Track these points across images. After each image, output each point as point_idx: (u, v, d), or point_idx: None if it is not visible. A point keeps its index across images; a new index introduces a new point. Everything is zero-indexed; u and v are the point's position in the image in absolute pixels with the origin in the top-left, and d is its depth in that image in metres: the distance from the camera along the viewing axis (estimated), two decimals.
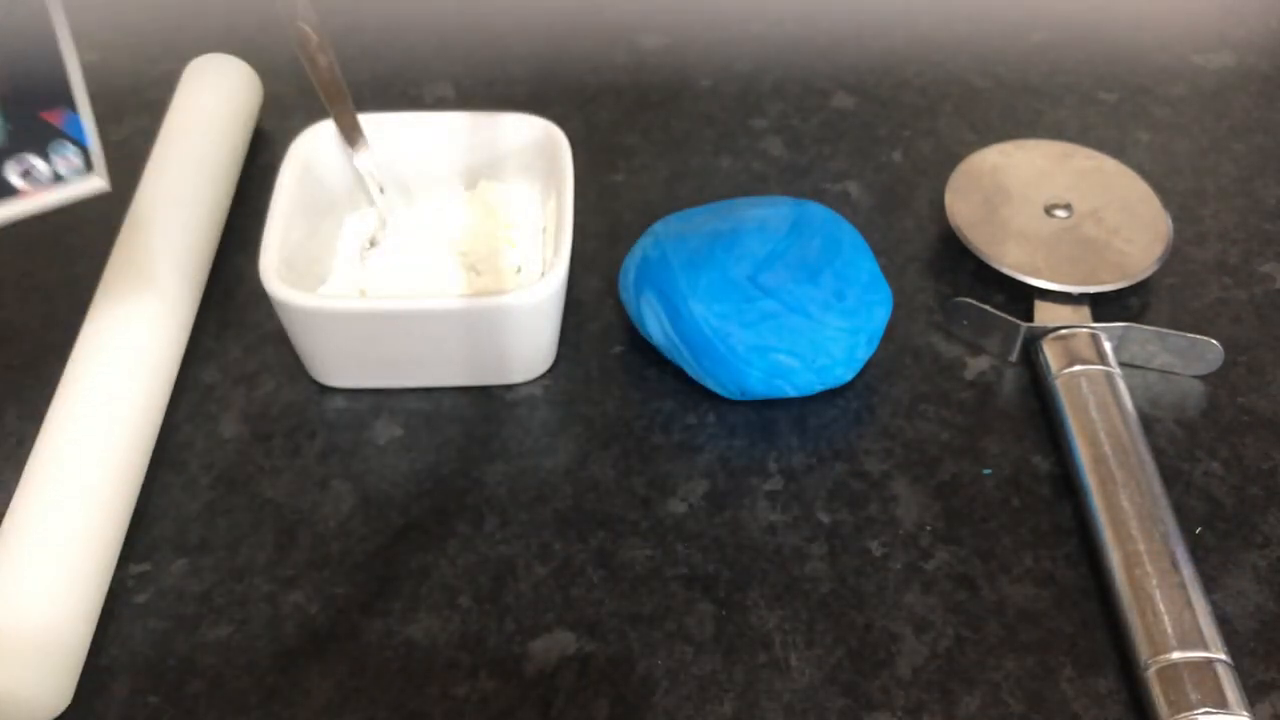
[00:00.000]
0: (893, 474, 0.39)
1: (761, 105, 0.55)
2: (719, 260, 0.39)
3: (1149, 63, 0.58)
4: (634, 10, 0.61)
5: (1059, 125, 0.54)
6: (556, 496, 0.39)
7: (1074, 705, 0.34)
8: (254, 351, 0.43)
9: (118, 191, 0.50)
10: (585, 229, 0.48)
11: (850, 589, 0.36)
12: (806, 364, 0.39)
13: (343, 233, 0.45)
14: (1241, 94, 0.56)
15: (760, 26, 0.60)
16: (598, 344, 0.44)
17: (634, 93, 0.56)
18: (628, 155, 0.52)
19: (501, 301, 0.38)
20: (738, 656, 0.35)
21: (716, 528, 0.38)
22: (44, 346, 0.43)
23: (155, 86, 0.55)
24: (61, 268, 0.47)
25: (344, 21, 0.59)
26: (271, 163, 0.49)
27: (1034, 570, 0.37)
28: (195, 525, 0.38)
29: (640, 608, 0.36)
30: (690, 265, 0.39)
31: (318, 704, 0.33)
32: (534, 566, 0.37)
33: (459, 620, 0.35)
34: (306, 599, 0.36)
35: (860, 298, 0.39)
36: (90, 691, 0.34)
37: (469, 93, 0.56)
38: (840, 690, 0.34)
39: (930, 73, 0.57)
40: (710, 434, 0.41)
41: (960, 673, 0.34)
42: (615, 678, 0.34)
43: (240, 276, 0.46)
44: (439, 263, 0.43)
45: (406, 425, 0.41)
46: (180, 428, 0.41)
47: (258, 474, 0.39)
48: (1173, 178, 0.51)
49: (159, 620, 0.35)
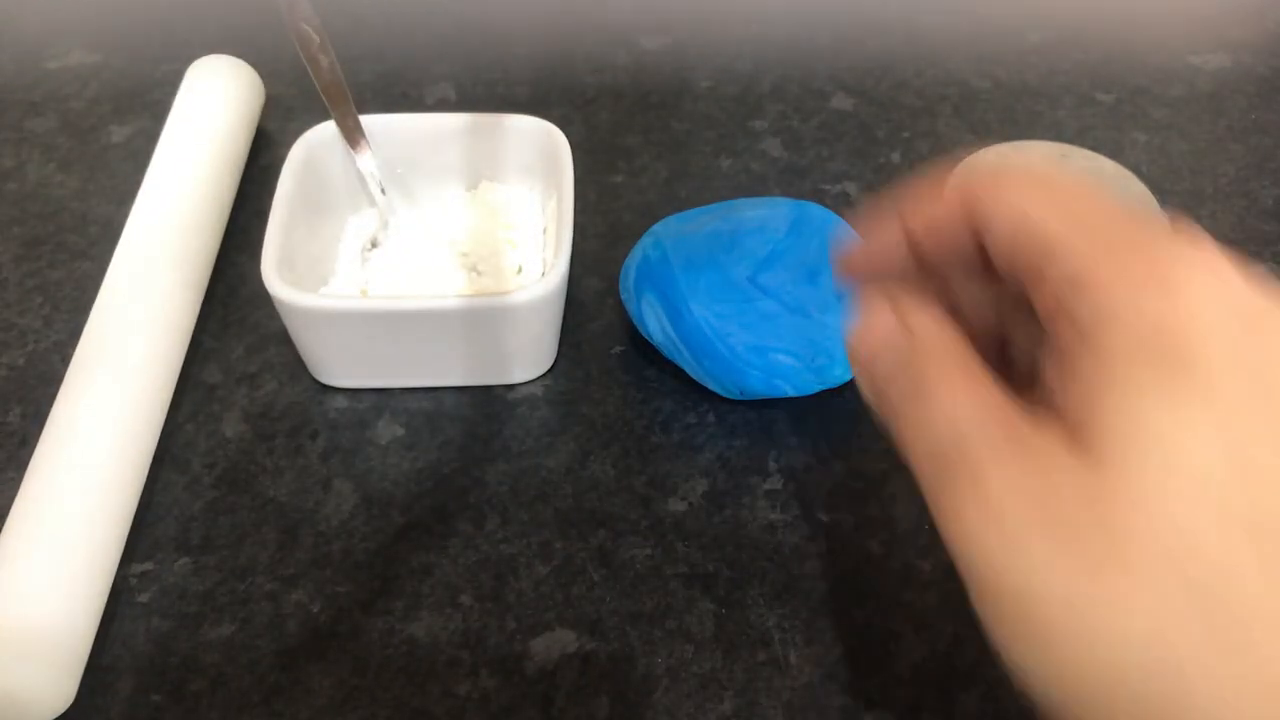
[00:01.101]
0: (892, 473, 0.40)
1: (761, 106, 0.55)
2: (719, 261, 0.39)
3: (1146, 64, 0.58)
4: (634, 10, 0.61)
5: (1057, 126, 0.54)
6: (557, 495, 0.39)
7: None
8: (256, 351, 0.43)
9: (120, 192, 0.50)
10: (585, 229, 0.48)
11: (850, 588, 0.36)
12: (805, 364, 0.39)
13: (344, 233, 0.46)
14: (1239, 95, 0.56)
15: (760, 27, 0.60)
16: (598, 344, 0.44)
17: (634, 93, 0.56)
18: (628, 156, 0.52)
19: (502, 301, 0.38)
20: (737, 655, 0.35)
21: (716, 527, 0.38)
22: (46, 346, 0.44)
23: (157, 87, 0.55)
24: (64, 268, 0.47)
25: (346, 23, 0.59)
26: (273, 163, 0.50)
27: None
28: (197, 524, 0.38)
29: (640, 606, 0.36)
30: (690, 266, 0.40)
31: (320, 702, 0.34)
32: (535, 565, 0.37)
33: (460, 619, 0.36)
34: (308, 598, 0.36)
35: None
36: (93, 690, 0.34)
37: (470, 94, 0.56)
38: (839, 688, 0.34)
39: (929, 74, 0.57)
40: (710, 433, 0.41)
41: (959, 672, 0.34)
42: (616, 676, 0.34)
43: (242, 277, 0.46)
44: (440, 263, 0.43)
45: (408, 425, 0.41)
46: (183, 427, 0.41)
47: (260, 473, 0.39)
48: (1170, 179, 0.51)
49: (161, 619, 0.35)
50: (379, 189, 0.44)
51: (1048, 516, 0.18)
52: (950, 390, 0.20)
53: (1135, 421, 0.18)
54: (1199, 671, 0.17)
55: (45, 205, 0.50)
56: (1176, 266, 0.19)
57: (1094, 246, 0.19)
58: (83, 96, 0.55)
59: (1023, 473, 0.19)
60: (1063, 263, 0.19)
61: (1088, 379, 0.19)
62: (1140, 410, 0.18)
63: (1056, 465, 0.19)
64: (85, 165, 0.52)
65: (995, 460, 0.19)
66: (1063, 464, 0.19)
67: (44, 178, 0.51)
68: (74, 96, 0.55)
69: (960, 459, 0.20)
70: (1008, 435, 0.19)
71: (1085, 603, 0.18)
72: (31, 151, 0.52)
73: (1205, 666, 0.17)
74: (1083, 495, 0.18)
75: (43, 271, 0.47)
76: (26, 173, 0.51)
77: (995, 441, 0.19)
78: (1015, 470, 0.19)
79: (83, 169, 0.51)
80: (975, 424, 0.20)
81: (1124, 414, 0.18)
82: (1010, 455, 0.19)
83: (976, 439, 0.20)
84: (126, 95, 0.55)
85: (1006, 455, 0.19)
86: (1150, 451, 0.18)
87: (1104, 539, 0.18)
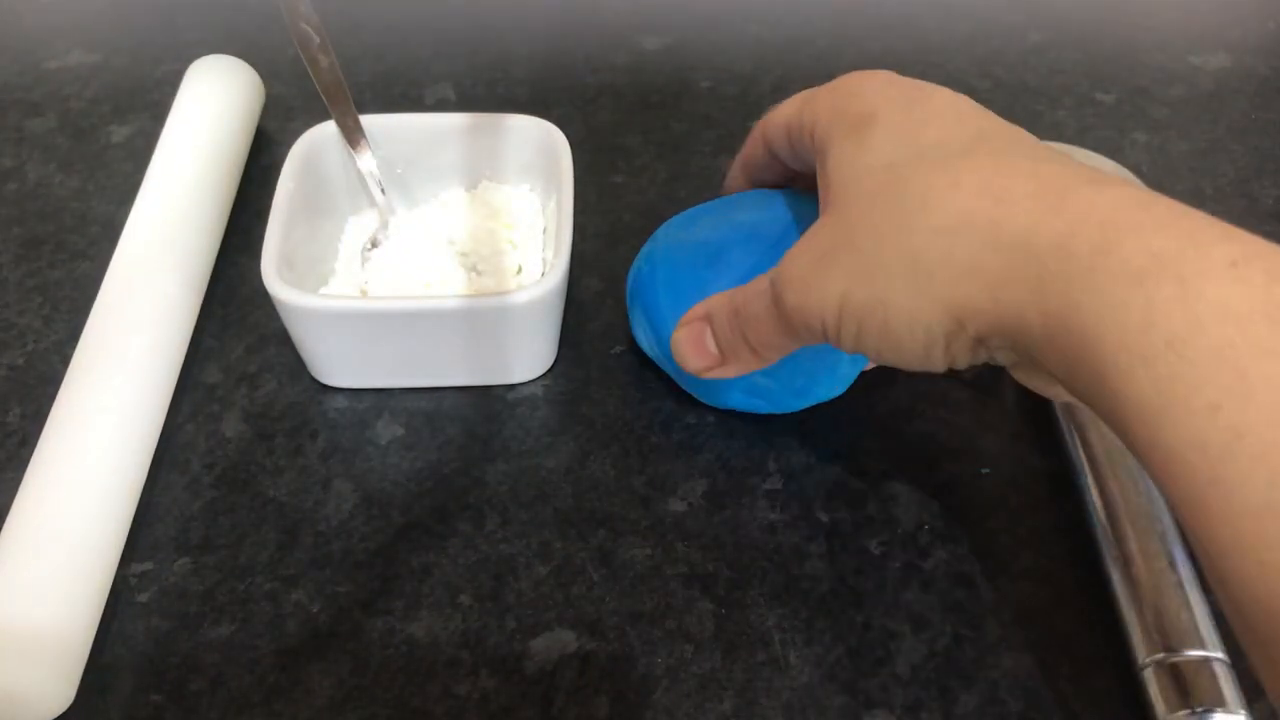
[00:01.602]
0: (891, 473, 0.40)
1: (761, 106, 0.55)
2: (702, 279, 0.38)
3: (1146, 64, 0.58)
4: (634, 10, 0.61)
5: (1057, 126, 0.54)
6: (557, 495, 0.39)
7: (1072, 704, 0.34)
8: (256, 351, 0.43)
9: (120, 192, 0.50)
10: (585, 229, 0.48)
11: (849, 588, 0.36)
12: (784, 385, 0.38)
13: (344, 233, 0.46)
14: (1239, 95, 0.56)
15: (760, 27, 0.60)
16: (598, 344, 0.44)
17: (634, 93, 0.56)
18: (628, 156, 0.52)
19: (502, 301, 0.38)
20: (737, 655, 0.35)
21: (716, 527, 0.38)
22: (46, 346, 0.44)
23: (157, 87, 0.56)
24: (64, 267, 0.47)
25: (345, 22, 0.59)
26: (273, 163, 0.50)
27: (1032, 569, 0.37)
28: (197, 524, 0.38)
29: (640, 606, 0.36)
30: (672, 286, 0.38)
31: (319, 702, 0.34)
32: (534, 565, 0.37)
33: (460, 619, 0.36)
34: (308, 597, 0.36)
35: None
36: (93, 690, 0.34)
37: (470, 94, 0.56)
38: (839, 688, 0.34)
39: (929, 74, 0.57)
40: (710, 434, 0.41)
41: (959, 671, 0.34)
42: (615, 676, 0.34)
43: (242, 277, 0.46)
44: (440, 263, 0.43)
45: (408, 425, 0.41)
46: (182, 427, 0.41)
47: (260, 473, 0.39)
48: (1170, 178, 0.51)
49: (161, 619, 0.35)
50: (379, 189, 0.44)
51: (820, 247, 0.30)
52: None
53: (842, 160, 0.31)
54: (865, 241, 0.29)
55: (45, 205, 0.50)
56: (861, 79, 0.33)
57: (820, 96, 0.34)
58: (83, 96, 0.55)
59: (804, 243, 0.31)
60: (810, 115, 0.33)
61: (822, 164, 0.32)
62: (843, 152, 0.31)
63: (820, 228, 0.31)
64: (85, 165, 0.52)
65: (789, 259, 0.31)
66: (822, 227, 0.31)
67: (44, 178, 0.51)
68: (74, 96, 0.55)
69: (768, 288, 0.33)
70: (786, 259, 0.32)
71: (856, 277, 0.29)
72: (31, 151, 0.52)
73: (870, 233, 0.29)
74: (834, 226, 0.30)
75: (42, 271, 0.47)
76: (26, 173, 0.51)
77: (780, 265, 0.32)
78: (799, 249, 0.31)
79: (83, 169, 0.51)
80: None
81: (836, 161, 0.31)
82: (792, 252, 0.31)
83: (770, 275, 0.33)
84: (126, 95, 0.55)
85: (791, 253, 0.31)
86: (846, 167, 0.31)
87: (848, 241, 0.29)
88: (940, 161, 0.29)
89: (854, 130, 0.31)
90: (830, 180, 0.31)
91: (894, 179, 0.29)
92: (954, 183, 0.28)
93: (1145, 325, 0.24)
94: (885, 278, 0.28)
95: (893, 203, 0.28)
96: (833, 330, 0.30)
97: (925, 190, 0.28)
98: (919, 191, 0.28)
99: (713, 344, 0.35)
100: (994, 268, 0.26)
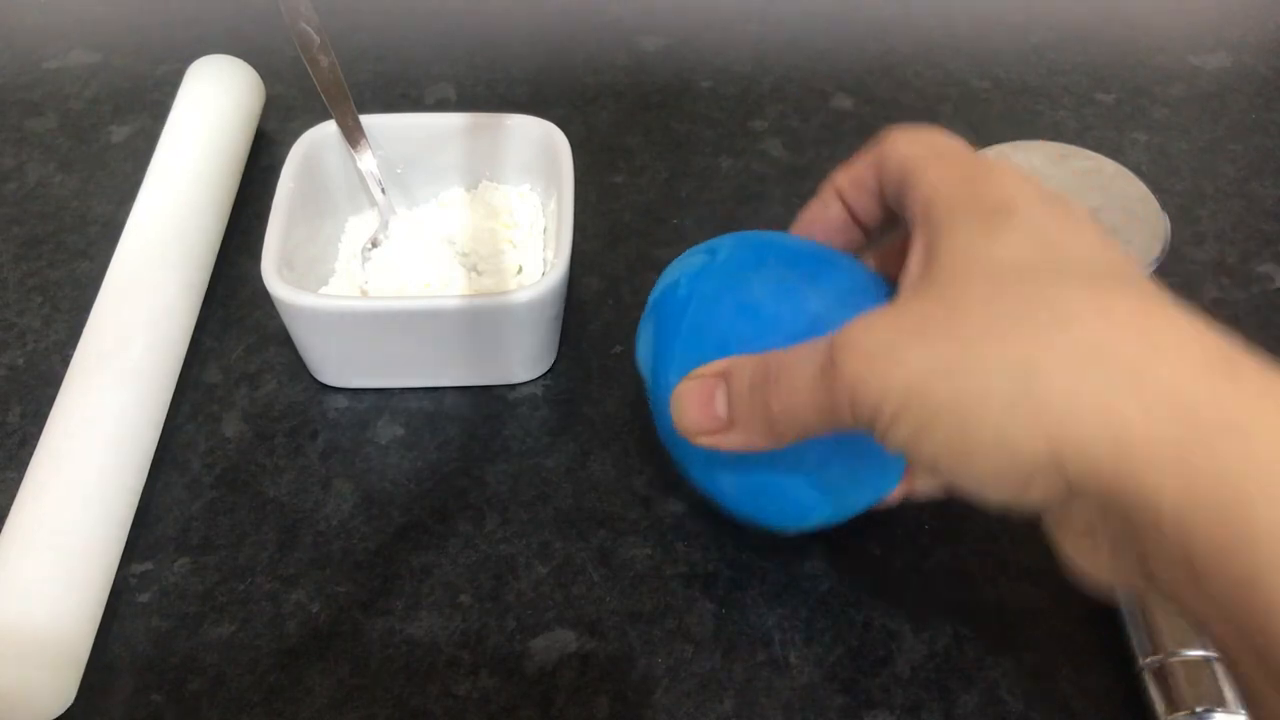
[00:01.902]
0: None
1: (761, 106, 0.55)
2: (727, 340, 0.31)
3: (1147, 64, 0.58)
4: (634, 11, 0.61)
5: (1057, 126, 0.54)
6: (557, 495, 0.39)
7: (1072, 703, 0.34)
8: (256, 351, 0.43)
9: (120, 192, 0.50)
10: (585, 229, 0.48)
11: (849, 587, 0.36)
12: (825, 481, 0.32)
13: (344, 233, 0.46)
14: (1239, 95, 0.56)
15: (760, 27, 0.60)
16: (598, 344, 0.44)
17: (634, 93, 0.56)
18: (628, 156, 0.52)
19: (502, 301, 0.38)
20: (737, 655, 0.35)
21: (716, 527, 0.38)
22: (46, 346, 0.44)
23: (157, 87, 0.56)
24: (64, 267, 0.47)
25: (345, 23, 0.59)
26: (273, 164, 0.50)
27: (1032, 569, 0.37)
28: (197, 524, 0.38)
29: (640, 606, 0.36)
30: (697, 334, 0.32)
31: (319, 702, 0.34)
32: (535, 565, 0.37)
33: (460, 619, 0.36)
34: (308, 597, 0.36)
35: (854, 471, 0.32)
36: (93, 690, 0.34)
37: (470, 94, 0.56)
38: (839, 688, 0.34)
39: (929, 74, 0.57)
40: None
41: (959, 671, 0.34)
42: (615, 676, 0.34)
43: (242, 277, 0.46)
44: (440, 263, 0.43)
45: (408, 424, 0.41)
46: (183, 427, 0.41)
47: (260, 473, 0.39)
48: (1171, 178, 0.51)
49: (161, 619, 0.35)
50: (379, 189, 0.44)
51: (904, 325, 0.26)
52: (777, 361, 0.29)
53: (967, 245, 0.27)
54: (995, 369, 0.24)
55: (45, 205, 0.50)
56: (990, 164, 0.29)
57: (939, 163, 0.29)
58: (83, 96, 0.55)
59: (883, 316, 0.27)
60: (920, 176, 0.29)
61: (932, 240, 0.28)
62: (970, 237, 0.27)
63: (906, 304, 0.27)
64: (85, 165, 0.52)
65: (860, 326, 0.27)
66: (910, 303, 0.27)
67: (44, 178, 0.51)
68: (74, 96, 0.55)
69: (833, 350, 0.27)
70: (864, 321, 0.27)
71: (945, 368, 0.24)
72: (31, 151, 0.52)
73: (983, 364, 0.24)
74: (931, 308, 0.26)
75: (42, 271, 0.47)
76: (26, 173, 0.51)
77: (855, 325, 0.27)
78: (876, 319, 0.26)
79: (83, 169, 0.51)
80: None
81: (957, 244, 0.27)
82: (865, 320, 0.26)
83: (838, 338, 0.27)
84: (126, 95, 0.56)
85: (862, 322, 0.26)
86: (969, 252, 0.27)
87: (946, 328, 0.25)
88: (1088, 281, 0.25)
89: (988, 217, 0.27)
90: (941, 260, 0.27)
91: (1028, 283, 0.25)
92: (1103, 309, 0.24)
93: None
94: (982, 380, 0.24)
95: (1020, 306, 0.25)
96: (887, 418, 0.25)
97: (1067, 307, 0.24)
98: (1060, 306, 0.24)
99: (723, 406, 0.29)
100: (1132, 417, 0.22)
